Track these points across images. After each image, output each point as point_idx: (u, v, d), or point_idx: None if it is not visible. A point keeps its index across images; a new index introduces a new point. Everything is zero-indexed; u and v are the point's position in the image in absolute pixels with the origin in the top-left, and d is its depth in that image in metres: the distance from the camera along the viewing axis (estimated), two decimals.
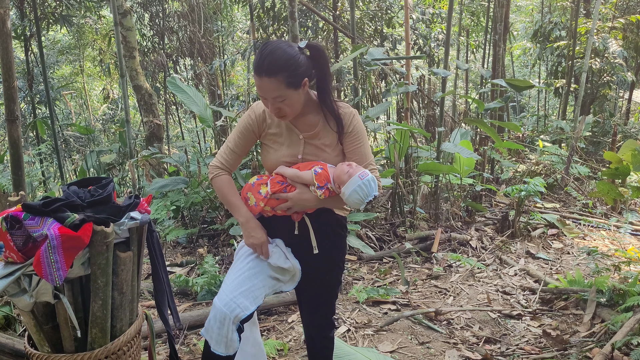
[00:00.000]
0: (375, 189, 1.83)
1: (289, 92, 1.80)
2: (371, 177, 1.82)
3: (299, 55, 1.80)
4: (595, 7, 7.66)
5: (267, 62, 1.76)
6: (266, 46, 1.80)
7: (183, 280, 3.84)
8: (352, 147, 1.94)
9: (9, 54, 3.13)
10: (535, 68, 13.91)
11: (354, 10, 5.77)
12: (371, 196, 1.82)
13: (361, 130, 1.94)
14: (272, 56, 1.76)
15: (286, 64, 1.77)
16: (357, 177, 1.80)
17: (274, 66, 1.76)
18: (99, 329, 1.74)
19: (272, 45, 1.80)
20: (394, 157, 5.07)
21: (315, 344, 2.20)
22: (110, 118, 11.70)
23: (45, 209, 1.61)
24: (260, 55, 1.78)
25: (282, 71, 1.76)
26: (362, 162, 1.94)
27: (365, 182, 1.80)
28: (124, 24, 6.88)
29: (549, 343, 3.12)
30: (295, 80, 1.79)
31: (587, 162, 8.17)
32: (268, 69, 1.76)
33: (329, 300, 2.14)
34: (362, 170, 1.83)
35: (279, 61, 1.76)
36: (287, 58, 1.77)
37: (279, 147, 1.98)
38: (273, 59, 1.76)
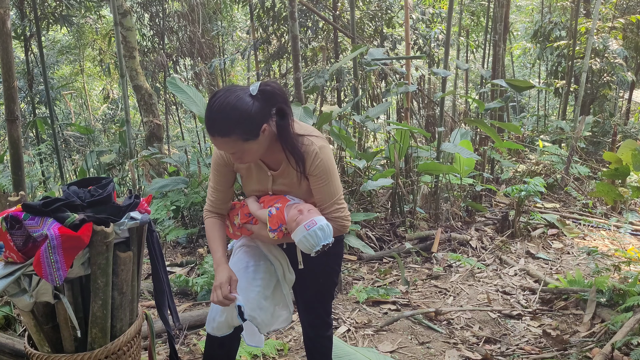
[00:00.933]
0: (324, 238, 1.73)
1: (247, 145, 1.70)
2: (319, 226, 1.73)
3: (252, 105, 1.65)
4: (595, 7, 7.66)
5: (217, 124, 1.65)
6: (214, 101, 1.65)
7: (183, 280, 3.84)
8: (316, 186, 1.84)
9: (9, 54, 3.13)
10: (535, 68, 13.90)
11: (354, 10, 5.77)
12: (319, 246, 1.73)
13: (325, 168, 1.80)
14: (221, 115, 1.64)
15: (239, 122, 1.64)
16: (302, 227, 1.74)
17: (225, 127, 1.64)
18: (99, 329, 1.74)
19: (220, 101, 1.64)
20: (394, 157, 5.07)
21: (314, 344, 2.21)
22: (110, 118, 11.70)
23: (45, 209, 1.61)
24: (210, 113, 1.65)
25: (236, 130, 1.65)
26: (325, 201, 1.84)
27: (311, 233, 1.72)
28: (124, 24, 6.88)
29: (549, 343, 3.12)
30: (251, 133, 1.67)
31: (587, 162, 8.17)
32: (220, 130, 1.65)
33: (324, 301, 2.14)
34: (310, 220, 1.75)
35: (230, 120, 1.63)
36: (239, 114, 1.63)
37: (249, 180, 1.96)
38: (223, 119, 1.64)
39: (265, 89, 1.68)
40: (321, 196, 1.85)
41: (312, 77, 6.76)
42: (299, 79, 4.19)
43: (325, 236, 1.74)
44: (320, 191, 1.84)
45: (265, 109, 1.69)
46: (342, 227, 1.89)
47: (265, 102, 1.68)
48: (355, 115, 5.15)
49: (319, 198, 1.86)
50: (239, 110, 1.63)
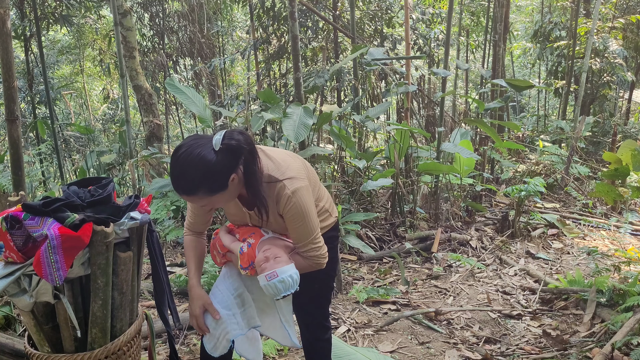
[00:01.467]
0: (285, 289, 1.72)
1: (216, 197, 1.66)
2: (280, 278, 1.71)
3: (215, 161, 1.59)
4: (595, 7, 7.66)
5: (182, 184, 1.61)
6: (176, 159, 1.60)
7: (183, 280, 3.84)
8: (291, 227, 1.80)
9: (9, 54, 3.13)
10: (535, 68, 13.90)
11: (354, 10, 5.77)
12: (279, 296, 1.73)
13: (299, 211, 1.74)
14: (185, 177, 1.60)
15: (202, 180, 1.60)
16: (263, 276, 1.74)
17: (190, 186, 1.61)
18: (99, 329, 1.74)
19: (182, 160, 1.59)
20: (394, 157, 5.07)
21: (312, 347, 2.21)
22: (110, 118, 11.70)
23: (45, 209, 1.61)
24: (173, 172, 1.61)
25: (201, 187, 1.61)
26: (300, 240, 1.81)
27: (271, 284, 1.72)
28: (124, 24, 6.88)
29: (549, 343, 3.12)
30: (218, 187, 1.64)
31: (587, 162, 8.17)
32: (185, 190, 1.63)
33: (320, 306, 2.15)
34: (271, 271, 1.73)
35: (194, 180, 1.60)
36: (202, 173, 1.58)
37: (229, 212, 1.96)
38: (187, 180, 1.60)
39: (230, 143, 1.61)
40: (296, 236, 1.82)
41: (312, 77, 6.76)
42: (299, 79, 4.19)
43: (285, 288, 1.73)
44: (294, 231, 1.81)
45: (232, 161, 1.64)
46: (317, 265, 1.87)
47: (230, 155, 1.63)
48: (355, 115, 5.15)
49: (294, 237, 1.83)
50: (201, 169, 1.58)
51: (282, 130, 3.81)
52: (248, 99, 5.91)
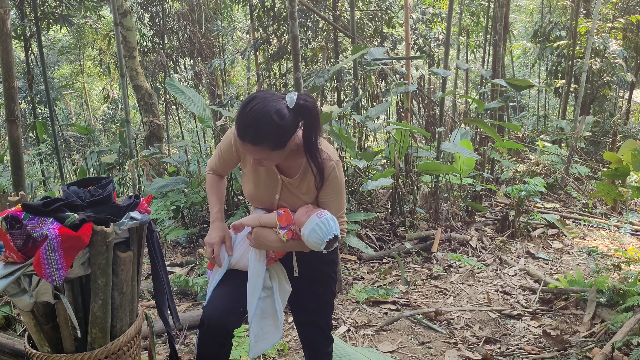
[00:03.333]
0: (334, 228, 1.78)
1: (274, 153, 1.73)
2: (330, 216, 1.80)
3: (287, 118, 1.67)
4: (595, 7, 7.66)
5: (252, 132, 1.66)
6: (250, 109, 1.65)
7: (183, 280, 3.84)
8: (326, 199, 1.89)
9: (9, 54, 3.13)
10: (535, 68, 13.91)
11: (354, 10, 5.77)
12: (330, 235, 1.77)
13: (339, 183, 1.87)
14: (257, 126, 1.65)
15: (272, 133, 1.66)
16: (315, 216, 1.80)
17: (259, 136, 1.66)
18: (99, 329, 1.74)
19: (257, 111, 1.64)
20: (394, 157, 5.07)
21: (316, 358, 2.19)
22: (110, 118, 11.70)
23: (45, 209, 1.61)
24: (244, 120, 1.65)
25: (268, 140, 1.67)
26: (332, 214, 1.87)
27: (324, 221, 1.78)
28: (124, 24, 6.88)
29: (549, 343, 3.12)
30: (281, 143, 1.71)
31: (587, 162, 8.17)
32: (253, 138, 1.67)
33: (324, 314, 2.12)
34: (321, 210, 1.82)
35: (265, 131, 1.65)
36: (274, 127, 1.65)
37: (256, 185, 1.96)
38: (258, 129, 1.65)
39: (303, 104, 1.69)
40: (329, 209, 1.89)
41: (312, 77, 6.76)
42: (299, 79, 4.19)
43: (335, 227, 1.80)
44: (329, 204, 1.89)
45: (297, 122, 1.72)
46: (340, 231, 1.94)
47: (299, 116, 1.71)
48: (355, 115, 5.15)
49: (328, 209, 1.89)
50: (275, 122, 1.64)
51: None
52: None
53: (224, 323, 1.90)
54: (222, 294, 1.95)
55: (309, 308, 2.09)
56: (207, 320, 1.91)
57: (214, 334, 1.90)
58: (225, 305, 1.92)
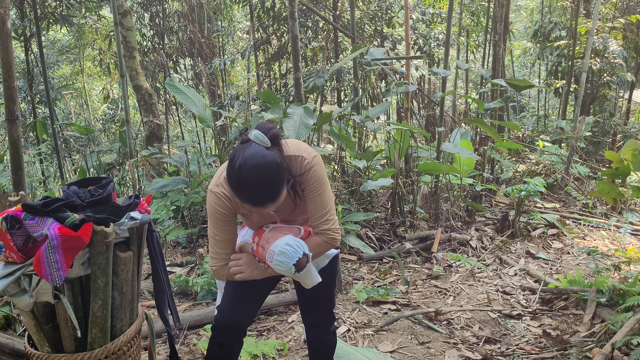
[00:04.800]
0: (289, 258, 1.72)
1: (284, 190, 1.70)
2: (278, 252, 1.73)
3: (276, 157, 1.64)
4: (595, 7, 7.66)
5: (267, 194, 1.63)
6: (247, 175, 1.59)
7: (183, 280, 3.84)
8: (310, 197, 1.84)
9: (9, 54, 3.13)
10: (535, 68, 13.91)
11: (354, 10, 5.77)
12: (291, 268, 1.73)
13: (318, 178, 1.81)
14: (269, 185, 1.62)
15: (281, 178, 1.64)
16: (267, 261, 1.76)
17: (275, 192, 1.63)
18: (99, 329, 1.74)
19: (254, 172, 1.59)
20: (394, 157, 5.07)
21: (320, 343, 2.21)
22: (110, 118, 11.70)
23: (45, 209, 1.61)
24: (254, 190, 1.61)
25: (281, 187, 1.65)
26: (317, 211, 1.85)
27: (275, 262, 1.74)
28: (124, 24, 6.88)
29: (549, 343, 3.12)
30: (286, 178, 1.69)
31: (587, 162, 8.17)
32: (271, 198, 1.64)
33: (326, 300, 2.15)
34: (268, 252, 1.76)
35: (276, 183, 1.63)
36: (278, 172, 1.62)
37: (253, 221, 1.94)
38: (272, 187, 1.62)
39: (272, 134, 1.67)
40: (313, 206, 1.84)
41: (312, 77, 6.76)
42: (299, 79, 4.19)
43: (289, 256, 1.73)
44: (313, 201, 1.84)
45: (279, 150, 1.70)
46: (331, 240, 1.88)
47: (277, 145, 1.69)
48: (355, 115, 5.15)
49: (311, 209, 1.85)
50: (276, 169, 1.62)
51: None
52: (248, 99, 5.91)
53: (239, 323, 1.92)
54: (235, 294, 1.96)
55: (310, 301, 2.12)
56: (221, 320, 1.91)
57: (229, 335, 1.91)
58: (238, 305, 1.93)
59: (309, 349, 2.26)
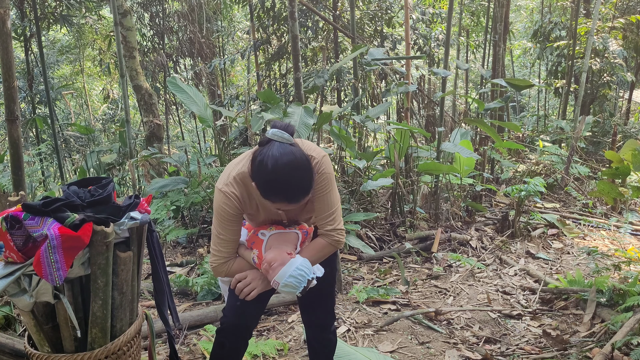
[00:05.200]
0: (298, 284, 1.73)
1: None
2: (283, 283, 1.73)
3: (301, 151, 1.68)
4: (595, 7, 7.66)
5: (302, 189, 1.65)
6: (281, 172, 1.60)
7: (183, 280, 3.84)
8: (318, 196, 1.84)
9: (9, 54, 3.13)
10: (535, 68, 13.90)
11: (354, 10, 5.77)
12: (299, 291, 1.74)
13: (326, 177, 1.82)
14: (303, 181, 1.65)
15: (312, 174, 1.68)
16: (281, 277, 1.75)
17: (308, 187, 1.67)
18: (99, 329, 1.74)
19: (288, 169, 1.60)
20: (394, 157, 5.07)
21: (320, 343, 2.21)
22: (110, 118, 11.70)
23: (45, 209, 1.61)
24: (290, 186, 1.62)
25: (312, 181, 1.69)
26: (324, 211, 1.85)
27: (281, 290, 1.76)
28: (124, 24, 6.88)
29: (549, 343, 3.12)
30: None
31: (587, 162, 8.17)
32: (305, 192, 1.67)
33: (327, 299, 2.15)
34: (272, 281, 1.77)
35: (309, 179, 1.67)
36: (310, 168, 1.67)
37: (260, 219, 1.93)
38: (305, 183, 1.65)
39: (292, 130, 1.70)
40: (320, 205, 1.84)
41: (312, 77, 6.76)
42: (299, 79, 4.19)
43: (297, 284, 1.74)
44: (320, 200, 1.84)
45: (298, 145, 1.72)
46: (335, 242, 1.88)
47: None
48: (355, 115, 5.15)
49: (318, 208, 1.85)
50: (308, 164, 1.66)
51: None
52: (248, 99, 5.91)
53: (246, 327, 1.92)
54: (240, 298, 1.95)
55: (311, 302, 2.11)
56: (228, 322, 1.92)
57: (235, 336, 1.91)
58: (244, 307, 1.93)
59: (309, 349, 2.26)
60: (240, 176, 1.78)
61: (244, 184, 1.78)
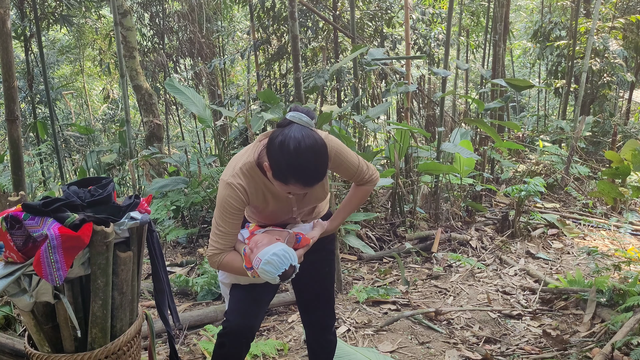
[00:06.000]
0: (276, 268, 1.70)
1: None
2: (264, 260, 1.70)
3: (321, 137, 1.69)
4: (595, 7, 7.66)
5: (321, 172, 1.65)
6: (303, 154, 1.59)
7: (183, 280, 3.84)
8: (339, 168, 1.88)
9: (9, 54, 3.13)
10: (535, 68, 13.90)
11: (354, 10, 5.77)
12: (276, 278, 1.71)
13: (337, 148, 1.84)
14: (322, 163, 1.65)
15: (328, 161, 1.69)
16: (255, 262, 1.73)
17: (325, 169, 1.68)
18: (99, 329, 1.74)
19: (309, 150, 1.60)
20: (394, 157, 5.07)
21: (319, 344, 2.20)
22: (110, 118, 11.71)
23: (45, 209, 1.61)
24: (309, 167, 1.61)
25: (327, 168, 1.70)
26: (352, 173, 1.91)
27: (260, 270, 1.72)
28: (124, 24, 6.88)
29: (549, 343, 3.12)
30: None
31: (587, 162, 8.16)
32: (323, 174, 1.67)
33: (327, 299, 2.15)
34: (255, 259, 1.73)
35: (327, 162, 1.68)
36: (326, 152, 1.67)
37: (269, 211, 1.91)
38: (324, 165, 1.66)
39: (313, 116, 1.70)
40: (347, 172, 1.91)
41: (312, 77, 6.76)
42: (299, 79, 4.19)
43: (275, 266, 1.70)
44: (342, 169, 1.89)
45: None
46: (375, 180, 1.98)
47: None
48: (355, 115, 5.15)
49: (347, 174, 1.92)
50: (326, 151, 1.67)
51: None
52: (248, 99, 5.91)
53: (250, 329, 1.91)
54: (243, 300, 1.95)
55: (312, 299, 2.11)
56: (231, 325, 1.90)
57: (238, 338, 1.90)
58: (247, 309, 1.92)
59: (309, 349, 2.26)
60: (246, 167, 1.76)
61: (250, 175, 1.77)
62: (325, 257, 2.07)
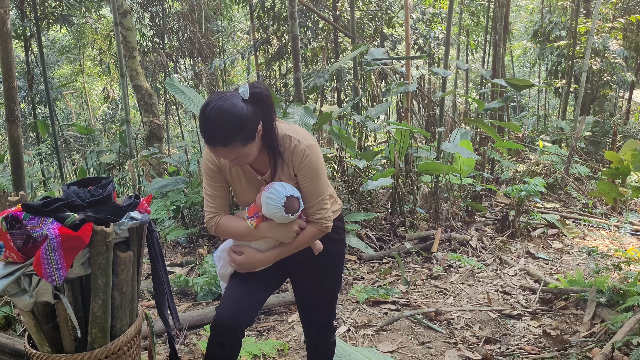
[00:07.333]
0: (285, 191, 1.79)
1: (247, 148, 1.72)
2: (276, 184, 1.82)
3: (246, 109, 1.68)
4: (595, 7, 7.66)
5: (217, 134, 1.66)
6: (208, 112, 1.65)
7: (183, 280, 3.84)
8: (302, 185, 1.86)
9: (9, 54, 3.13)
10: (535, 68, 13.89)
11: (354, 10, 5.77)
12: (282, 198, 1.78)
13: (312, 167, 1.83)
14: (220, 125, 1.65)
15: (237, 128, 1.66)
16: (263, 193, 1.83)
17: (226, 136, 1.66)
18: (99, 329, 1.74)
19: (215, 110, 1.65)
20: (394, 157, 5.07)
21: (317, 351, 2.20)
22: (110, 118, 11.71)
23: (45, 209, 1.61)
24: (207, 125, 1.67)
25: (236, 136, 1.67)
26: (311, 200, 1.87)
27: (271, 191, 1.80)
28: (124, 24, 6.88)
29: (549, 343, 3.12)
30: (249, 136, 1.70)
31: (587, 162, 8.16)
32: (221, 140, 1.67)
33: (329, 304, 2.15)
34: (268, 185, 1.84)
35: (229, 129, 1.65)
36: (237, 121, 1.65)
37: (242, 188, 1.96)
38: (224, 129, 1.66)
39: (255, 91, 1.71)
40: (306, 195, 1.87)
41: (312, 77, 6.76)
42: (299, 79, 4.19)
43: (285, 189, 1.80)
44: (306, 190, 1.86)
45: (257, 110, 1.72)
46: (324, 229, 1.92)
47: (256, 104, 1.72)
48: (355, 115, 5.15)
49: (305, 197, 1.88)
50: (236, 116, 1.66)
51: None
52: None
53: (238, 323, 1.90)
54: (235, 294, 1.95)
55: (315, 298, 2.11)
56: (219, 319, 1.90)
57: (227, 334, 1.90)
58: (239, 305, 1.92)
59: (308, 349, 2.26)
60: None
61: None
62: (329, 260, 2.06)
